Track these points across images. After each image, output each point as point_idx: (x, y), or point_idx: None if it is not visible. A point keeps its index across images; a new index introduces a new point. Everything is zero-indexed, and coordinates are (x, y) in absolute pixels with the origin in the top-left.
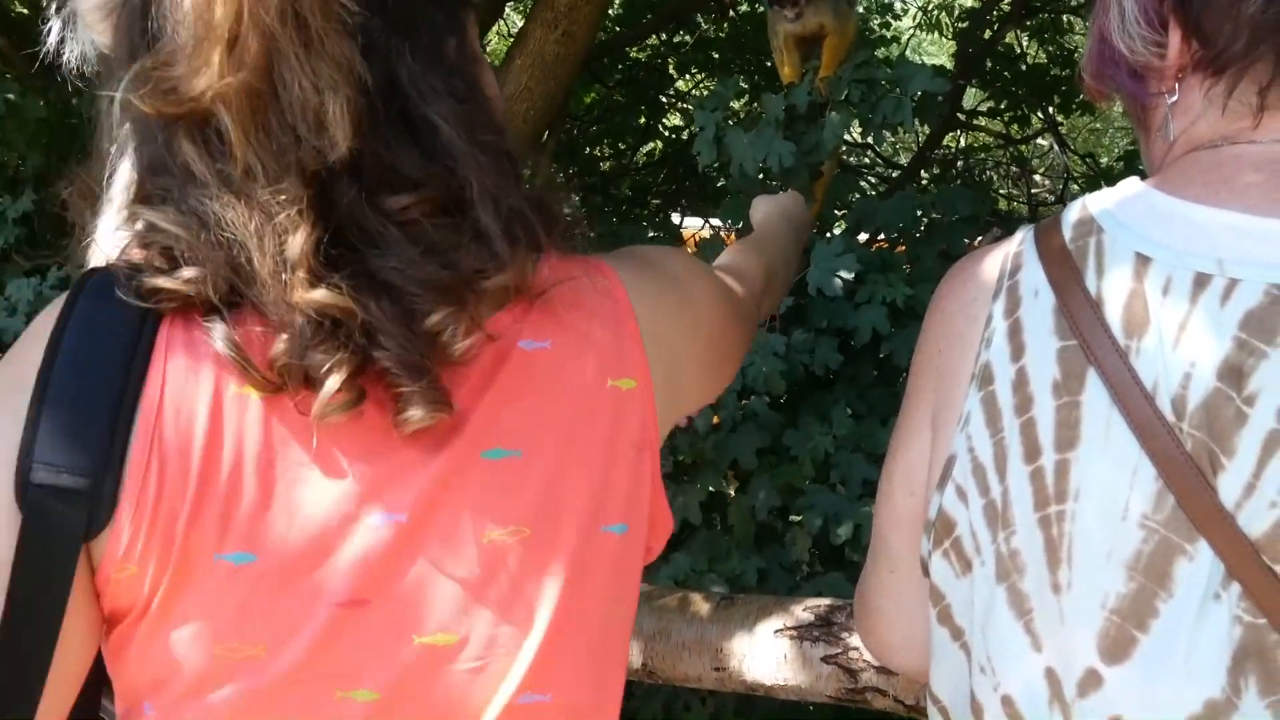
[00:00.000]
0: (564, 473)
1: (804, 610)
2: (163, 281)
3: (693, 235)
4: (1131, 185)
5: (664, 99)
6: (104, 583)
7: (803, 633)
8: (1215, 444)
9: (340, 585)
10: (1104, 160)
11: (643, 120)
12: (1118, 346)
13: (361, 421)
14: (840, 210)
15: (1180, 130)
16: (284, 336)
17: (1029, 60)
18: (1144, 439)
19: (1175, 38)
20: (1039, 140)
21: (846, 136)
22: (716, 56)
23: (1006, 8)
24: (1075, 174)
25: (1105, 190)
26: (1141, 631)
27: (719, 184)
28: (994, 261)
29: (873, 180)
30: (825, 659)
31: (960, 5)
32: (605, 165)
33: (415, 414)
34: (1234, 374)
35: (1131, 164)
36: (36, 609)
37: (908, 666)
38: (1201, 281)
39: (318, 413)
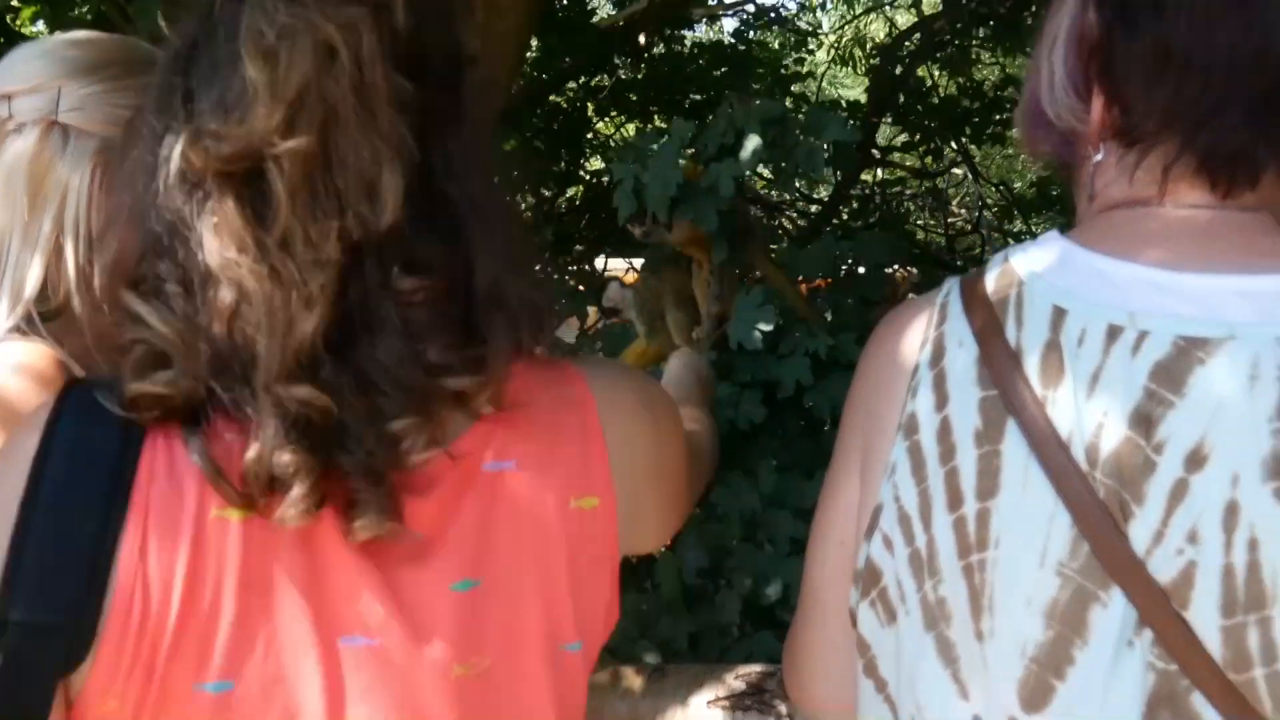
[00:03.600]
0: (522, 599)
1: (735, 679)
2: (142, 387)
3: (625, 273)
4: (1051, 239)
5: (584, 142)
6: (81, 717)
7: (735, 702)
8: (1126, 492)
9: (314, 711)
10: (1017, 186)
11: (563, 165)
12: (1035, 397)
13: (330, 536)
14: None
15: (1101, 188)
16: (255, 443)
17: (940, 94)
18: (1060, 487)
19: (1098, 104)
20: (954, 170)
21: (764, 171)
22: (634, 98)
23: (915, 44)
24: (989, 202)
25: (1026, 244)
26: (1059, 679)
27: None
28: (922, 313)
29: (793, 216)
30: None
31: (872, 40)
32: (527, 213)
33: (366, 522)
34: (1144, 423)
35: (1044, 190)
36: None
37: None
38: (1114, 333)
39: (279, 516)
